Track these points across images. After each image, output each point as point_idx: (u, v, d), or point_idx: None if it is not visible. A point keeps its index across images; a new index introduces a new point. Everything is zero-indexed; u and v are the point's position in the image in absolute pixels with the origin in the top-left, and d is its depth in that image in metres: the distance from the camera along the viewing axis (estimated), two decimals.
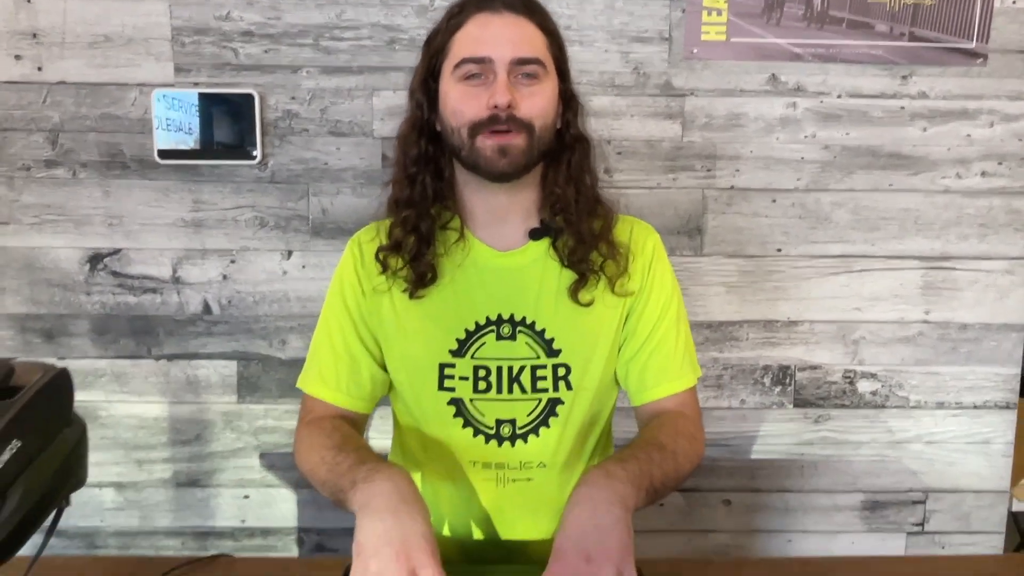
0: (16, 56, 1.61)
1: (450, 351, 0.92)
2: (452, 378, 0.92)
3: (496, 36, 0.85)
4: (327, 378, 0.95)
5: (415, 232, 0.91)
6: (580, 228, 0.91)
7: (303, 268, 1.69)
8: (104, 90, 1.62)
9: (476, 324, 0.92)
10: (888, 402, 1.75)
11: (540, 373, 0.92)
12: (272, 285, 1.70)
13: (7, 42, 1.60)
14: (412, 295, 0.91)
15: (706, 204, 1.69)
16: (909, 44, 1.63)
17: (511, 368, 0.92)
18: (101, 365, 1.71)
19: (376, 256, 0.93)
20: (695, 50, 1.63)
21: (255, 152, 1.63)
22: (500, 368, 0.92)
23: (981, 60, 1.63)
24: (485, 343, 0.92)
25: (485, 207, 0.93)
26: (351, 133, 1.66)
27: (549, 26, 0.90)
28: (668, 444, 0.84)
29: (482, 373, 0.92)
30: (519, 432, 0.93)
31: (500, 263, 0.93)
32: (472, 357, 0.92)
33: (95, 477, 1.44)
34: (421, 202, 0.91)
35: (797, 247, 1.71)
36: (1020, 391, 1.77)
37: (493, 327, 0.92)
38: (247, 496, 1.76)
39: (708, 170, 1.68)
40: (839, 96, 1.65)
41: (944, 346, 1.74)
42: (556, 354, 0.92)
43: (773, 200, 1.69)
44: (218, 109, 1.61)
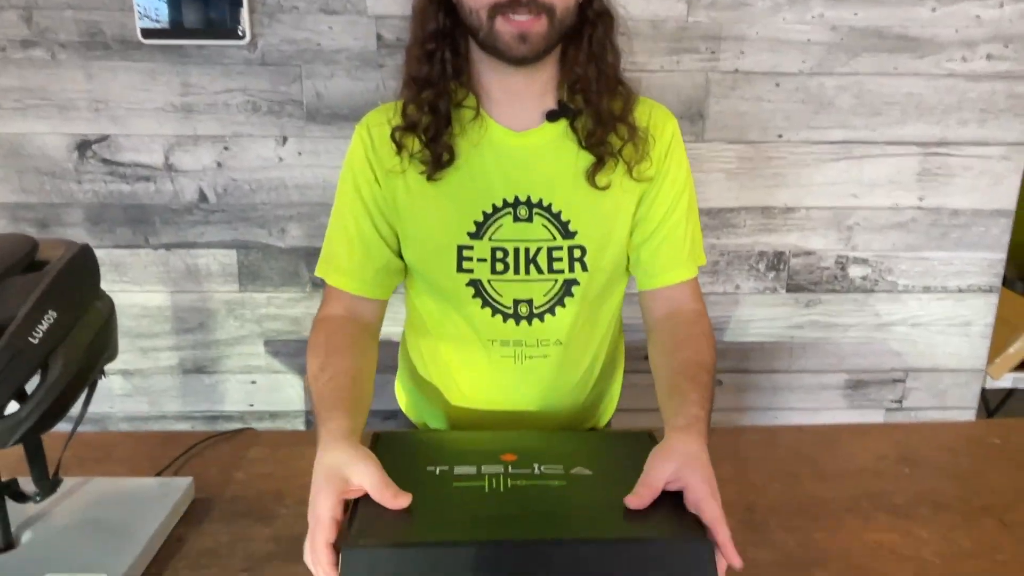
0: None
1: (468, 233, 0.92)
2: (470, 260, 0.92)
3: None
4: (342, 267, 0.94)
5: (433, 112, 0.89)
6: (599, 109, 0.89)
7: (299, 155, 1.66)
8: None
9: (493, 206, 0.91)
10: (877, 287, 1.81)
11: (556, 255, 0.93)
12: (268, 173, 1.67)
13: None
14: (430, 177, 0.90)
15: (709, 88, 1.66)
16: None
17: (528, 250, 0.92)
18: (99, 255, 1.67)
19: (392, 137, 0.91)
20: None
21: (243, 31, 1.55)
22: (517, 250, 0.92)
23: None
24: (502, 225, 0.92)
25: (501, 87, 0.91)
26: (343, 11, 1.58)
27: None
28: (711, 364, 0.87)
29: (499, 255, 0.92)
30: (536, 311, 0.94)
31: (516, 143, 0.92)
32: (489, 239, 0.92)
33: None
34: (440, 80, 0.88)
35: (798, 133, 1.70)
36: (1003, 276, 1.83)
37: (510, 209, 0.91)
38: (254, 382, 1.80)
39: (712, 52, 1.64)
40: None
41: (935, 232, 1.77)
42: (572, 236, 0.92)
43: (777, 84, 1.67)
44: None
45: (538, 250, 0.93)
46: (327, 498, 0.67)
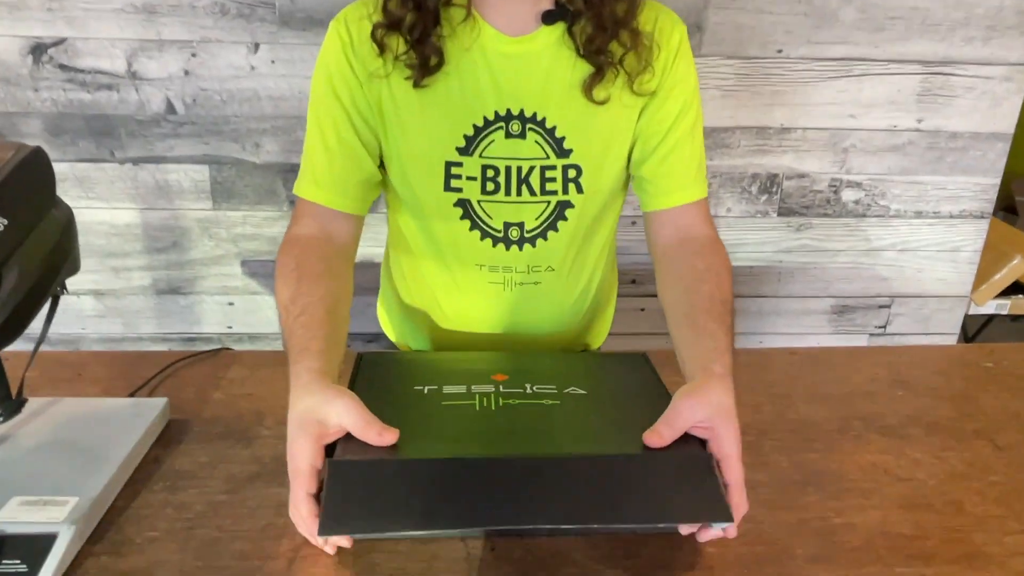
0: None
1: (457, 148, 0.85)
2: (459, 178, 0.86)
3: None
4: (321, 179, 0.87)
5: (418, 7, 0.81)
6: (601, 11, 0.82)
7: (272, 63, 1.56)
8: None
9: (484, 119, 0.85)
10: (869, 211, 1.78)
11: (549, 175, 0.87)
12: (240, 82, 1.57)
13: None
14: (417, 83, 0.83)
15: None
16: None
17: (520, 168, 0.86)
18: (62, 168, 1.61)
19: (373, 35, 0.83)
20: None
21: None
22: (509, 168, 0.86)
23: None
24: (494, 141, 0.85)
25: None
26: None
27: None
28: (732, 299, 0.82)
29: (490, 173, 0.86)
30: (527, 236, 0.90)
31: (508, 50, 0.84)
32: (480, 156, 0.85)
33: (71, 285, 1.41)
34: None
35: (798, 48, 1.63)
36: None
37: (502, 123, 0.85)
38: (232, 303, 1.76)
39: None
40: None
41: (931, 155, 1.73)
42: (567, 154, 0.86)
43: None
44: None
45: (531, 169, 0.87)
46: (304, 446, 0.60)
